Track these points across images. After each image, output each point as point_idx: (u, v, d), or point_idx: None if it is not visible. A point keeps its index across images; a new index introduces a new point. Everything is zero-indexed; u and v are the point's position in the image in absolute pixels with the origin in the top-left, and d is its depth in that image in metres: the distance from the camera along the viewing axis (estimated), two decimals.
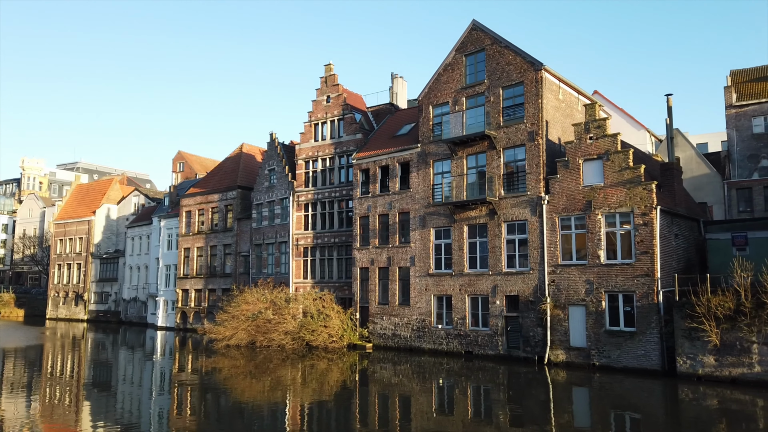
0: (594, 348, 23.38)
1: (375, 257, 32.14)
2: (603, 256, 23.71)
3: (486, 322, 27.13)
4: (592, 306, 23.66)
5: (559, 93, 27.82)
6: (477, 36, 28.91)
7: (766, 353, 19.11)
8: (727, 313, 19.69)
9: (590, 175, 24.53)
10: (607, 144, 24.11)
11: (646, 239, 22.62)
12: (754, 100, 33.65)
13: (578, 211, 24.57)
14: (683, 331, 20.81)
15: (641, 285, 22.52)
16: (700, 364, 20.40)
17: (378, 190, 32.60)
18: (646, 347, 22.13)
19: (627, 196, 23.29)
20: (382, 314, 31.38)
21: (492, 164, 27.54)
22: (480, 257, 27.80)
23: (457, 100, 29.28)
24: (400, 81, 41.01)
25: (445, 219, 29.15)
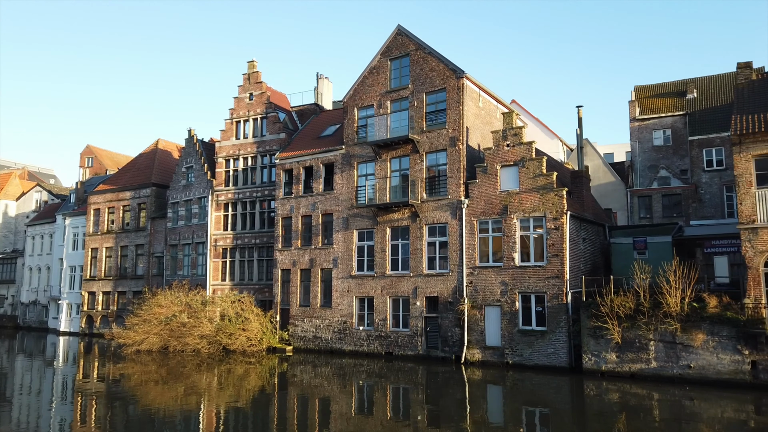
0: (508, 347, 24.31)
1: (297, 259, 31.74)
2: (517, 259, 24.71)
3: (406, 323, 27.51)
4: (507, 306, 24.59)
5: (480, 101, 28.76)
6: (402, 41, 29.32)
7: (661, 350, 20.65)
8: (628, 312, 21.10)
9: (507, 181, 25.51)
10: (522, 151, 25.18)
11: (557, 243, 23.82)
12: (654, 115, 36.37)
13: (495, 215, 25.48)
14: (589, 330, 22.09)
15: (552, 286, 23.69)
16: (603, 360, 21.73)
17: (301, 191, 32.24)
18: (555, 345, 23.29)
19: (540, 202, 24.42)
20: (304, 316, 31.03)
21: (415, 168, 27.99)
22: (402, 259, 28.16)
23: (381, 103, 29.53)
24: (326, 82, 40.84)
25: (368, 221, 29.29)
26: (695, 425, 15.65)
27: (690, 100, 36.24)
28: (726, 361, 19.48)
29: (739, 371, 19.24)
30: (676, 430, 15.35)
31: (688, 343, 20.10)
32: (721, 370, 19.53)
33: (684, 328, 20.15)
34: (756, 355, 19.03)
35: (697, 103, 35.82)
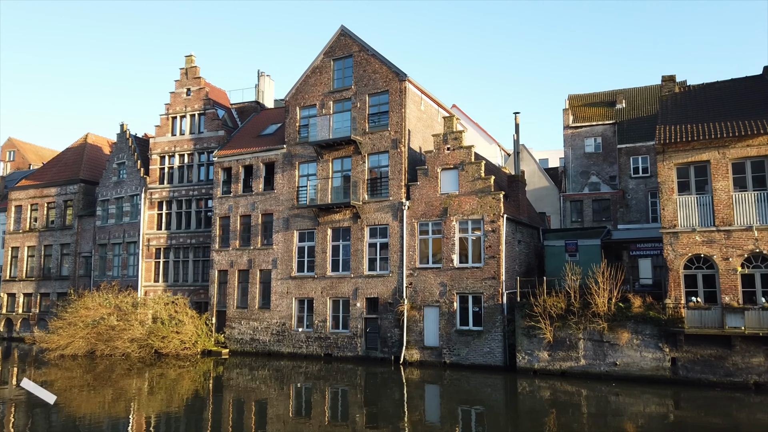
0: (446, 347, 24.71)
1: (235, 259, 31.02)
2: (456, 260, 25.17)
3: (346, 324, 27.44)
4: (445, 307, 25.00)
5: (422, 104, 29.11)
6: (345, 42, 29.27)
7: (590, 348, 21.58)
8: (560, 312, 21.92)
9: (447, 184, 25.95)
10: (462, 155, 25.69)
11: (494, 245, 24.45)
12: (586, 123, 38.03)
13: (435, 217, 25.85)
14: (523, 330, 22.79)
15: (488, 287, 24.27)
16: (536, 359, 22.47)
17: (240, 190, 31.55)
18: (491, 345, 23.88)
19: (478, 205, 24.99)
20: (241, 318, 30.36)
21: (357, 169, 27.99)
22: (343, 260, 28.08)
23: (324, 103, 29.36)
24: (267, 79, 40.19)
25: (309, 221, 29.03)
26: (620, 420, 16.43)
27: (619, 110, 38.13)
28: (648, 358, 20.59)
29: (661, 368, 20.38)
30: (603, 424, 16.06)
31: (615, 342, 21.10)
32: (644, 366, 20.62)
33: (611, 327, 21.14)
34: (675, 353, 20.22)
35: (626, 113, 37.74)
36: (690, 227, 20.82)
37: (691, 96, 23.86)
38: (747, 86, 23.05)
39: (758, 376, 19.08)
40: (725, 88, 23.59)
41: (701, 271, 20.63)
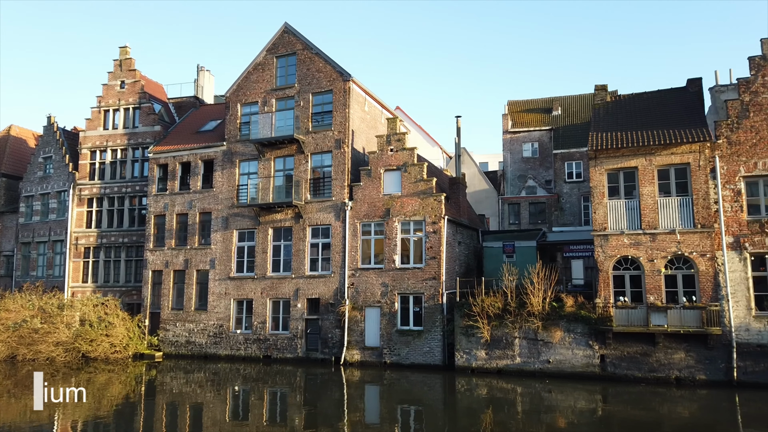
0: (386, 347, 24.84)
1: (170, 259, 29.98)
2: (398, 261, 25.35)
3: (287, 325, 27.08)
4: (387, 307, 25.13)
5: (366, 105, 29.15)
6: (289, 39, 28.91)
7: (525, 346, 22.25)
8: (497, 312, 22.49)
9: (390, 185, 26.10)
10: (405, 157, 25.91)
11: (435, 246, 24.80)
12: (524, 128, 39.23)
13: (378, 218, 25.94)
14: (462, 329, 23.23)
15: (429, 287, 24.59)
16: (474, 357, 22.95)
17: (177, 188, 30.53)
18: (431, 344, 24.20)
19: (420, 206, 25.27)
20: (176, 320, 29.37)
21: (300, 168, 27.69)
22: (284, 260, 27.70)
23: (266, 100, 28.88)
24: (207, 75, 39.11)
25: (249, 221, 28.46)
26: (552, 416, 17.03)
27: (555, 117, 39.56)
28: (580, 356, 21.46)
29: (590, 364, 21.28)
30: (536, 420, 16.60)
31: (548, 340, 21.86)
32: (575, 363, 21.47)
33: (545, 326, 21.88)
34: (604, 350, 21.16)
35: (561, 120, 39.21)
36: (619, 230, 21.85)
37: (622, 105, 25.07)
38: (672, 97, 24.44)
39: (679, 371, 20.26)
40: (652, 98, 24.92)
41: (629, 272, 21.70)
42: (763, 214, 20.43)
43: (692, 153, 21.23)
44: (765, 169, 20.37)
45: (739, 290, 20.17)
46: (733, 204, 20.59)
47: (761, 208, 20.53)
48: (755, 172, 20.48)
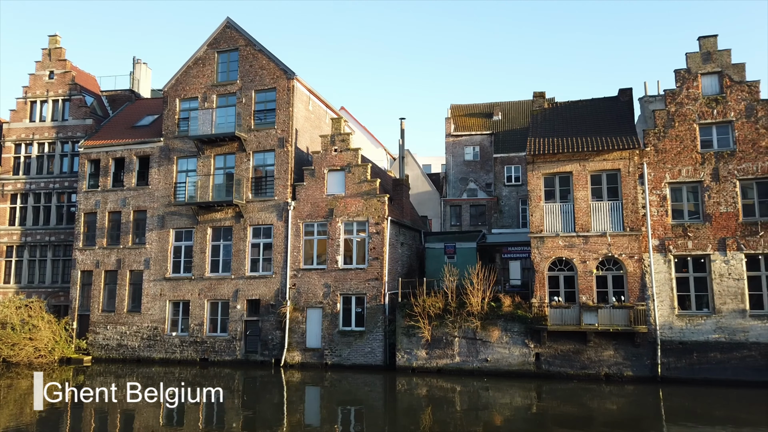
0: (327, 348, 24.69)
1: (102, 259, 28.65)
2: (341, 261, 25.27)
3: (225, 327, 26.43)
4: (329, 308, 24.99)
5: (310, 104, 28.91)
6: (231, 34, 28.28)
7: (464, 345, 22.67)
8: (438, 312, 22.82)
9: (333, 185, 25.98)
10: (349, 157, 25.87)
11: (378, 246, 24.88)
12: (466, 132, 40.01)
13: (321, 218, 25.76)
14: (403, 329, 23.41)
15: (371, 288, 24.65)
16: (415, 357, 23.18)
17: (110, 185, 29.24)
18: (372, 345, 24.25)
19: (364, 207, 25.30)
20: (107, 323, 28.09)
21: (241, 166, 27.12)
22: (223, 261, 27.03)
23: (207, 96, 28.12)
24: (144, 67, 37.66)
25: (187, 220, 27.61)
26: (489, 413, 17.44)
27: (495, 122, 40.58)
28: (516, 354, 22.08)
29: (526, 362, 21.94)
30: (474, 418, 16.94)
31: (486, 339, 22.37)
32: (512, 362, 22.07)
33: (483, 325, 22.39)
34: (539, 348, 21.87)
35: (501, 125, 40.25)
36: (554, 232, 22.64)
37: (558, 112, 26.01)
38: (605, 106, 25.58)
39: (608, 368, 21.20)
40: (587, 106, 25.99)
41: (563, 273, 22.52)
42: (686, 218, 21.70)
43: (622, 160, 22.28)
44: (688, 177, 21.64)
45: (664, 290, 21.33)
46: (659, 209, 21.77)
47: (684, 212, 21.80)
48: (679, 179, 21.73)
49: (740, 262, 20.71)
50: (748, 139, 21.12)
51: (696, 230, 21.30)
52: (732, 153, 21.22)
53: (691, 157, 21.67)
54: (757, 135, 21.06)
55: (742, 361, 20.09)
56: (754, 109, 21.22)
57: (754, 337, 20.16)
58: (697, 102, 21.90)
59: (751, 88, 21.37)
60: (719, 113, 21.60)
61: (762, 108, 21.15)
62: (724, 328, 20.50)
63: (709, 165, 21.42)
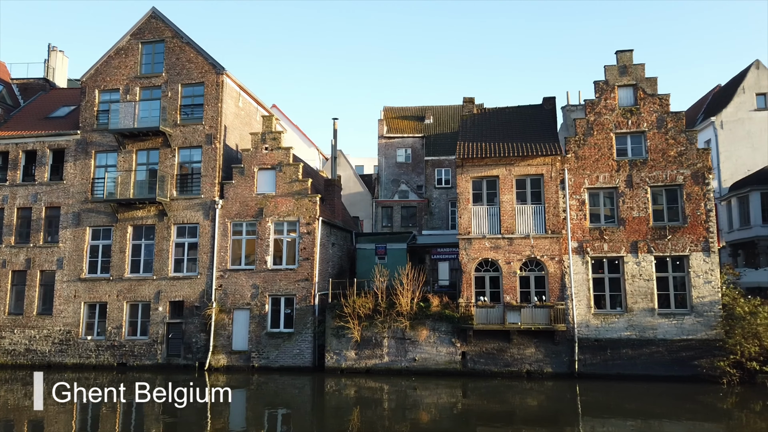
0: (255, 350, 24.17)
1: (9, 258, 26.67)
2: (270, 262, 24.82)
3: (145, 330, 25.29)
4: (257, 309, 24.48)
5: (240, 100, 28.21)
6: (157, 25, 27.13)
7: (393, 345, 22.85)
8: (368, 312, 22.88)
9: (263, 184, 25.49)
10: (281, 156, 25.47)
11: (309, 247, 24.64)
12: (398, 134, 40.41)
13: (250, 218, 25.20)
14: (332, 330, 23.30)
15: (301, 289, 24.37)
16: (344, 358, 23.12)
17: (20, 179, 27.29)
18: (301, 346, 23.97)
19: (295, 206, 24.98)
20: (14, 326, 26.16)
21: (165, 163, 26.06)
22: (144, 261, 25.87)
23: (129, 88, 26.83)
24: (60, 56, 35.42)
25: (105, 218, 26.22)
26: (416, 412, 17.66)
27: (427, 125, 41.25)
28: (443, 353, 22.50)
29: (453, 361, 22.40)
30: (401, 417, 17.11)
31: (415, 339, 22.66)
32: (439, 361, 22.47)
33: (412, 325, 22.66)
34: (465, 347, 22.40)
35: (433, 128, 40.97)
36: (481, 234, 23.28)
37: (486, 117, 26.77)
38: (530, 113, 26.58)
39: (530, 365, 22.02)
40: (513, 113, 26.91)
41: (489, 274, 23.18)
42: (602, 222, 22.92)
43: (545, 165, 23.24)
44: (605, 183, 22.86)
45: (581, 290, 22.42)
46: (578, 213, 22.86)
47: (601, 216, 23.02)
48: (597, 185, 22.92)
49: (650, 264, 22.11)
50: (659, 148, 22.60)
51: (611, 233, 22.54)
52: (644, 161, 22.62)
53: (608, 165, 22.92)
54: (666, 145, 22.56)
55: (650, 357, 21.44)
56: (664, 120, 22.72)
57: (661, 334, 21.57)
58: (614, 112, 23.19)
59: (662, 100, 22.88)
60: (633, 123, 22.97)
61: (671, 120, 22.70)
62: (635, 325, 21.80)
63: (623, 172, 22.73)
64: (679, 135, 22.53)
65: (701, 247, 21.76)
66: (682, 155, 22.36)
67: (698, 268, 21.68)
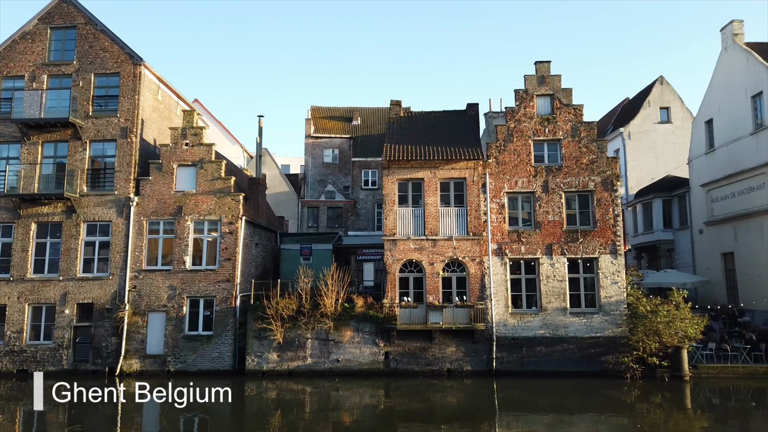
0: (171, 354, 23.20)
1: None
2: (189, 262, 23.93)
3: (50, 334, 23.64)
4: (174, 312, 23.52)
5: (159, 93, 27.02)
6: (68, 10, 25.48)
7: (316, 347, 22.67)
8: (291, 314, 22.57)
9: (183, 181, 24.55)
10: (202, 152, 24.62)
11: (231, 247, 23.97)
12: (326, 134, 40.20)
13: (168, 216, 24.19)
14: (254, 332, 22.79)
15: (222, 290, 23.66)
16: (265, 361, 22.67)
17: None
18: (220, 349, 23.26)
19: (217, 205, 24.23)
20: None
21: (75, 156, 24.50)
22: (50, 260, 24.20)
23: (36, 76, 25.02)
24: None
25: (6, 214, 24.30)
26: (339, 413, 17.61)
27: (355, 126, 41.32)
28: (366, 353, 22.58)
29: (376, 361, 22.54)
30: (324, 418, 17.00)
31: (339, 340, 22.60)
32: (362, 361, 22.53)
33: (336, 326, 22.59)
34: (389, 347, 22.60)
35: (360, 129, 41.10)
36: (406, 236, 23.58)
37: (413, 121, 27.18)
38: (454, 118, 27.25)
39: (450, 363, 22.54)
40: (439, 117, 27.49)
41: (413, 275, 23.53)
42: (520, 225, 23.86)
43: (468, 169, 23.90)
44: (523, 187, 23.81)
45: (500, 291, 23.23)
46: (498, 216, 23.68)
47: (519, 220, 23.96)
48: (516, 189, 23.83)
49: (563, 266, 23.26)
50: (573, 156, 23.83)
51: (528, 236, 23.51)
52: (559, 168, 23.78)
53: (526, 170, 23.90)
54: (579, 153, 23.83)
55: (562, 354, 22.56)
56: (578, 129, 23.99)
57: (572, 332, 22.74)
58: (533, 120, 24.22)
59: (576, 110, 24.16)
60: (550, 132, 24.09)
61: (584, 129, 23.99)
62: (549, 324, 22.86)
63: (540, 178, 23.78)
64: (591, 144, 23.86)
65: (609, 249, 23.14)
66: (593, 163, 23.69)
67: (606, 270, 23.04)
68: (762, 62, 25.34)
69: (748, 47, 26.75)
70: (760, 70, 25.44)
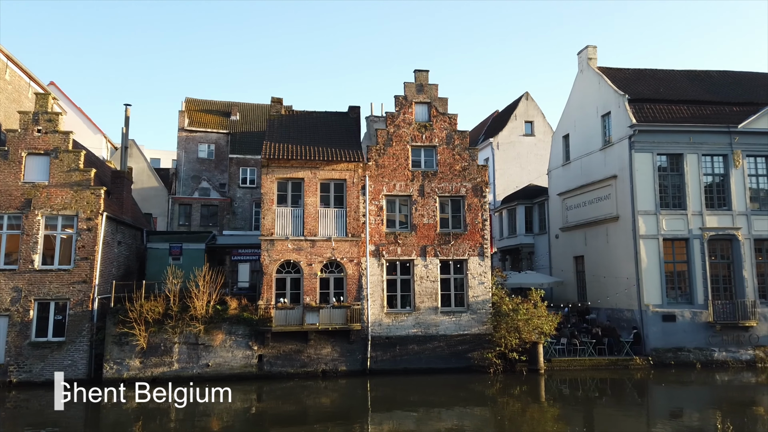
0: (13, 363, 20.72)
1: None
2: (38, 261, 21.57)
3: None
4: (18, 316, 21.05)
5: (6, 72, 24.12)
6: None
7: (184, 351, 21.49)
8: (157, 317, 21.17)
9: (34, 172, 22.10)
10: (57, 141, 22.33)
11: (89, 245, 21.97)
12: (201, 128, 38.34)
13: (14, 209, 21.64)
14: (114, 337, 21.08)
15: (77, 292, 21.60)
16: (126, 367, 21.04)
17: None
18: (74, 356, 21.20)
19: (73, 199, 22.10)
20: None
21: None
22: None
23: None
24: None
25: None
26: (207, 420, 16.82)
27: (233, 122, 39.90)
28: (239, 357, 21.85)
29: (249, 365, 21.87)
30: (190, 426, 16.14)
31: (209, 343, 21.62)
32: (234, 365, 21.75)
33: (207, 329, 21.58)
34: (263, 349, 22.05)
35: (239, 125, 39.77)
36: (284, 236, 23.18)
37: (294, 120, 26.82)
38: (336, 120, 27.32)
39: (326, 364, 22.52)
40: (321, 118, 27.40)
41: (290, 275, 23.18)
42: (397, 227, 24.50)
43: (348, 171, 24.08)
44: (401, 191, 24.47)
45: (376, 291, 23.66)
46: (377, 218, 24.12)
47: (396, 222, 24.59)
48: (394, 192, 24.43)
49: (436, 267, 24.26)
50: (447, 162, 24.95)
51: (405, 238, 24.21)
52: (435, 173, 24.78)
53: (404, 174, 24.61)
54: (453, 160, 25.01)
55: (433, 352, 23.50)
56: (452, 137, 25.17)
57: (443, 330, 23.78)
58: (411, 126, 25.00)
59: (451, 119, 25.33)
60: (427, 138, 25.02)
61: (458, 137, 25.23)
62: (421, 323, 23.71)
63: (417, 182, 24.61)
64: (464, 152, 25.16)
65: (478, 252, 24.54)
66: (465, 170, 24.99)
67: (474, 271, 24.40)
68: (611, 86, 28.39)
69: (600, 71, 29.83)
70: (609, 92, 28.47)
